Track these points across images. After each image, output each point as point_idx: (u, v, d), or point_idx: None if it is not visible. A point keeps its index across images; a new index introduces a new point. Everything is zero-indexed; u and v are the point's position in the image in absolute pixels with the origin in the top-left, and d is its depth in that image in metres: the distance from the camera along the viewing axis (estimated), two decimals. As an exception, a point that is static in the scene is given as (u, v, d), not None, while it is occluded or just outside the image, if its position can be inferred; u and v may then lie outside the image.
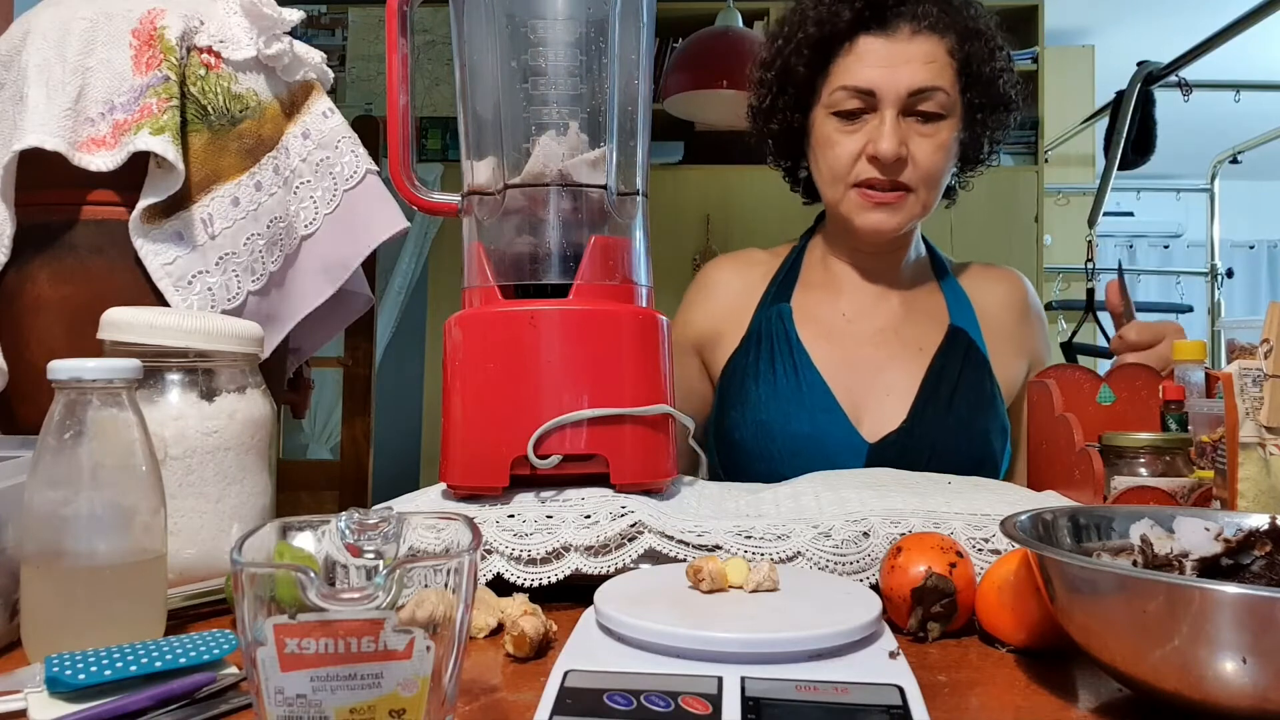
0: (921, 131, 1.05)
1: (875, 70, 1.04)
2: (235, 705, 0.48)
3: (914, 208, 1.07)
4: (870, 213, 1.07)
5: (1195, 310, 4.18)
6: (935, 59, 1.04)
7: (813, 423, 1.07)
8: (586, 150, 0.78)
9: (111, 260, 0.83)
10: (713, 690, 0.43)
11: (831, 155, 1.08)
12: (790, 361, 1.09)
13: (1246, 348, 0.66)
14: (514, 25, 0.77)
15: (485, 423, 0.72)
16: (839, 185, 1.08)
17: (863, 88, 1.04)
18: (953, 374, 1.09)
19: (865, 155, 1.05)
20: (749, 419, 1.09)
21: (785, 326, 1.12)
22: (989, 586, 0.57)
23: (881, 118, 1.03)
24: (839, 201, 1.09)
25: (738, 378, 1.12)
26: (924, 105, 1.04)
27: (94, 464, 0.55)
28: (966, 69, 1.06)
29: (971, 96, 1.08)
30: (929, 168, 1.05)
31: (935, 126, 1.05)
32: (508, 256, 0.78)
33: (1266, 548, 0.50)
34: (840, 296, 1.16)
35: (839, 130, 1.07)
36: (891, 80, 1.03)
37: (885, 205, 1.06)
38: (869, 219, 1.07)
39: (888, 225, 1.07)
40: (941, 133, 1.05)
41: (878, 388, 1.09)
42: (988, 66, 1.07)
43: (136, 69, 0.83)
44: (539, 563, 0.65)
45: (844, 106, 1.06)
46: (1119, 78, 2.95)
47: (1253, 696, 0.42)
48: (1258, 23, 2.36)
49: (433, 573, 0.39)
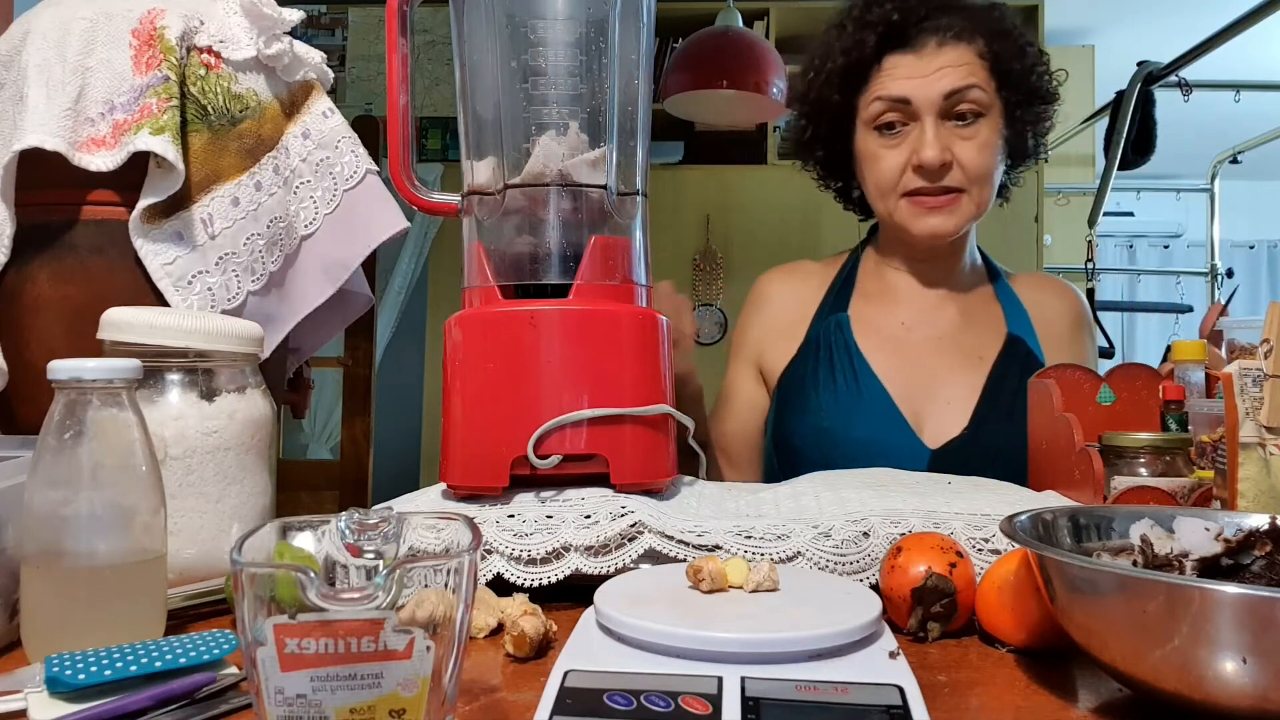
0: (963, 135, 1.06)
1: (908, 81, 1.06)
2: (235, 705, 0.48)
3: (968, 208, 1.08)
4: (925, 218, 1.08)
5: (1195, 310, 4.17)
6: (966, 62, 1.06)
7: (874, 429, 1.08)
8: (586, 150, 0.78)
9: (111, 260, 0.83)
10: (713, 690, 0.43)
11: (877, 170, 1.09)
12: (850, 370, 1.10)
13: (1246, 348, 0.66)
14: (514, 25, 0.77)
15: (485, 423, 0.72)
16: (889, 198, 1.10)
17: (898, 97, 1.06)
18: (1012, 382, 1.09)
19: (910, 166, 1.06)
20: (809, 425, 1.10)
21: (845, 336, 1.13)
22: (989, 586, 0.57)
23: (921, 126, 1.05)
24: (892, 213, 1.10)
25: (797, 385, 1.14)
26: (961, 107, 1.05)
27: (94, 464, 0.55)
28: (998, 67, 1.08)
29: (1008, 94, 1.09)
30: (976, 168, 1.06)
31: (975, 128, 1.06)
32: (508, 256, 0.78)
33: (1266, 548, 0.50)
34: (898, 306, 1.17)
35: (881, 145, 1.09)
36: (925, 88, 1.05)
37: (939, 209, 1.07)
38: (925, 224, 1.08)
39: (944, 229, 1.08)
40: (983, 132, 1.06)
41: (938, 395, 1.10)
42: (1018, 63, 1.09)
43: (136, 69, 0.83)
44: (539, 563, 0.65)
45: (883, 119, 1.07)
46: (1119, 78, 2.95)
47: (1253, 696, 0.41)
48: (1258, 23, 2.36)
49: (433, 573, 0.39)
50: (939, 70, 1.05)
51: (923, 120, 1.05)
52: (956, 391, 1.10)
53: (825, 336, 1.14)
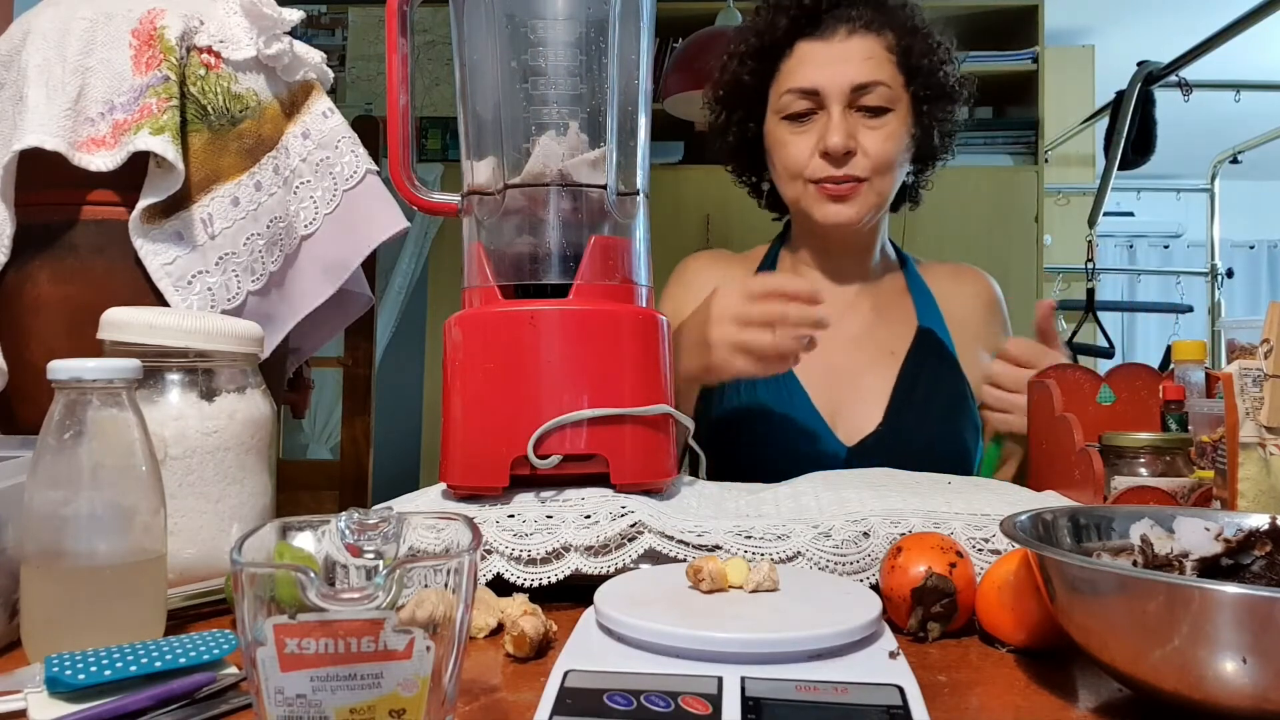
0: (868, 125, 1.08)
1: (817, 70, 1.08)
2: (235, 705, 0.48)
3: (869, 198, 1.10)
4: (828, 205, 1.10)
5: (1195, 310, 4.17)
6: (874, 55, 1.08)
7: (792, 427, 1.09)
8: (586, 150, 0.78)
9: (111, 260, 0.83)
10: (713, 690, 0.43)
11: (786, 155, 1.11)
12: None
13: (1246, 348, 0.66)
14: (514, 25, 0.77)
15: (485, 423, 0.72)
16: (796, 183, 1.12)
17: (807, 88, 1.08)
18: (925, 375, 1.12)
19: (817, 152, 1.08)
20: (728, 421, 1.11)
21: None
22: (989, 586, 0.57)
23: (829, 114, 1.07)
24: (799, 198, 1.12)
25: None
26: (868, 99, 1.07)
27: (94, 464, 0.55)
28: (907, 62, 1.10)
29: (915, 89, 1.11)
30: (879, 157, 1.08)
31: (882, 120, 1.08)
32: (508, 256, 0.78)
33: (1266, 548, 0.50)
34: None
35: (790, 132, 1.11)
36: (833, 78, 1.07)
37: (841, 198, 1.09)
38: (828, 211, 1.10)
39: (846, 216, 1.10)
40: (889, 124, 1.09)
41: (853, 392, 1.12)
42: (927, 59, 1.11)
43: (136, 69, 0.83)
44: (539, 563, 0.65)
45: (793, 109, 1.10)
46: (1119, 78, 2.95)
47: (1253, 696, 0.41)
48: (1258, 23, 2.36)
49: (433, 573, 0.39)
50: (848, 61, 1.07)
51: (830, 109, 1.07)
52: (872, 387, 1.12)
53: None
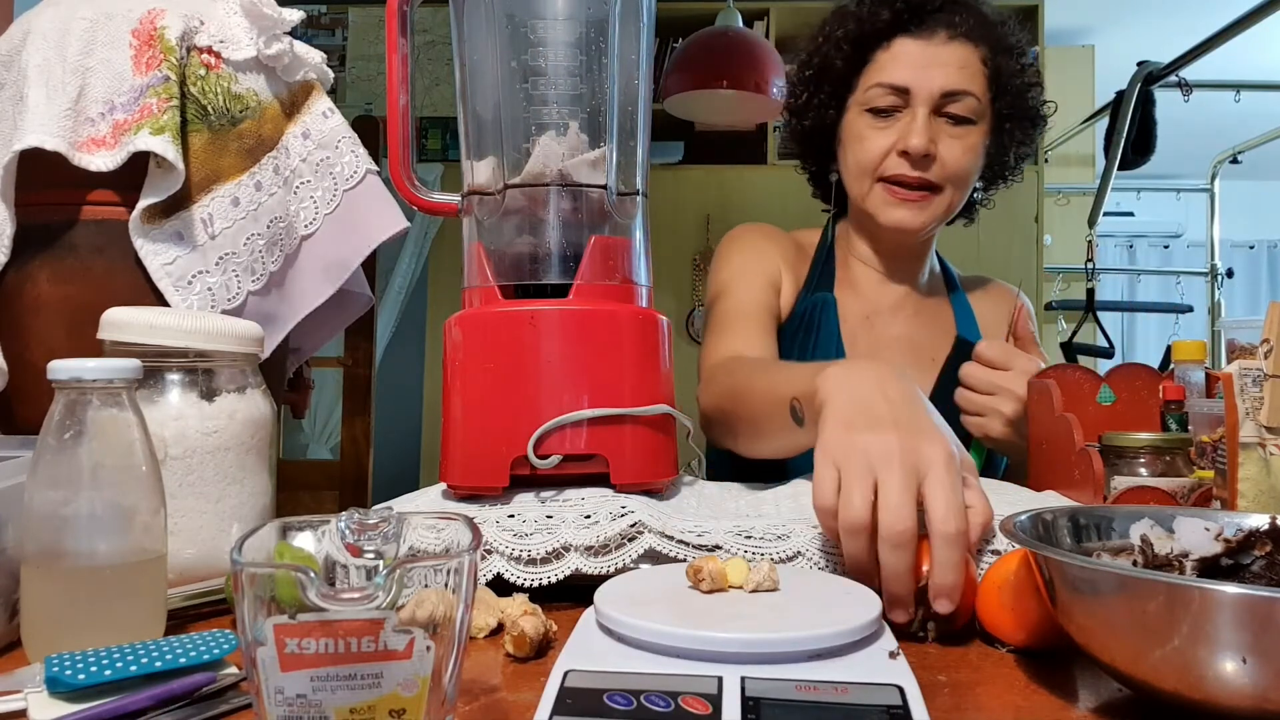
0: (951, 133, 1.07)
1: (910, 70, 1.06)
2: (235, 705, 0.48)
3: (939, 208, 1.09)
4: (895, 209, 1.08)
5: (1195, 310, 4.18)
6: (968, 65, 1.07)
7: None
8: (586, 150, 0.78)
9: (111, 260, 0.83)
10: (713, 690, 0.43)
11: (861, 149, 1.10)
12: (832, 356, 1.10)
13: (1246, 348, 0.66)
14: (514, 25, 0.77)
15: (485, 423, 0.72)
16: (866, 179, 1.10)
17: (898, 85, 1.06)
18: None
19: (895, 151, 1.07)
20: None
21: (831, 318, 1.13)
22: (989, 586, 0.57)
23: (914, 114, 1.06)
24: (865, 196, 1.11)
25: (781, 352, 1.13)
26: (954, 108, 1.06)
27: (94, 464, 0.55)
28: (997, 79, 1.09)
29: (1001, 107, 1.10)
30: (957, 168, 1.07)
31: (965, 130, 1.07)
32: (508, 256, 0.78)
33: (1266, 548, 0.50)
34: (861, 299, 1.17)
35: (871, 126, 1.09)
36: (925, 79, 1.05)
37: (911, 203, 1.08)
38: (894, 215, 1.09)
39: (912, 223, 1.08)
40: (971, 136, 1.08)
41: None
42: (1018, 80, 1.10)
43: (136, 69, 0.83)
44: (539, 563, 0.65)
45: (878, 103, 1.08)
46: (1119, 78, 2.95)
47: (1253, 696, 0.41)
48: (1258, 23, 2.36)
49: (433, 573, 0.39)
50: (943, 65, 1.06)
51: (915, 110, 1.06)
52: None
53: (812, 313, 1.13)
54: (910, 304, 1.18)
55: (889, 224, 1.09)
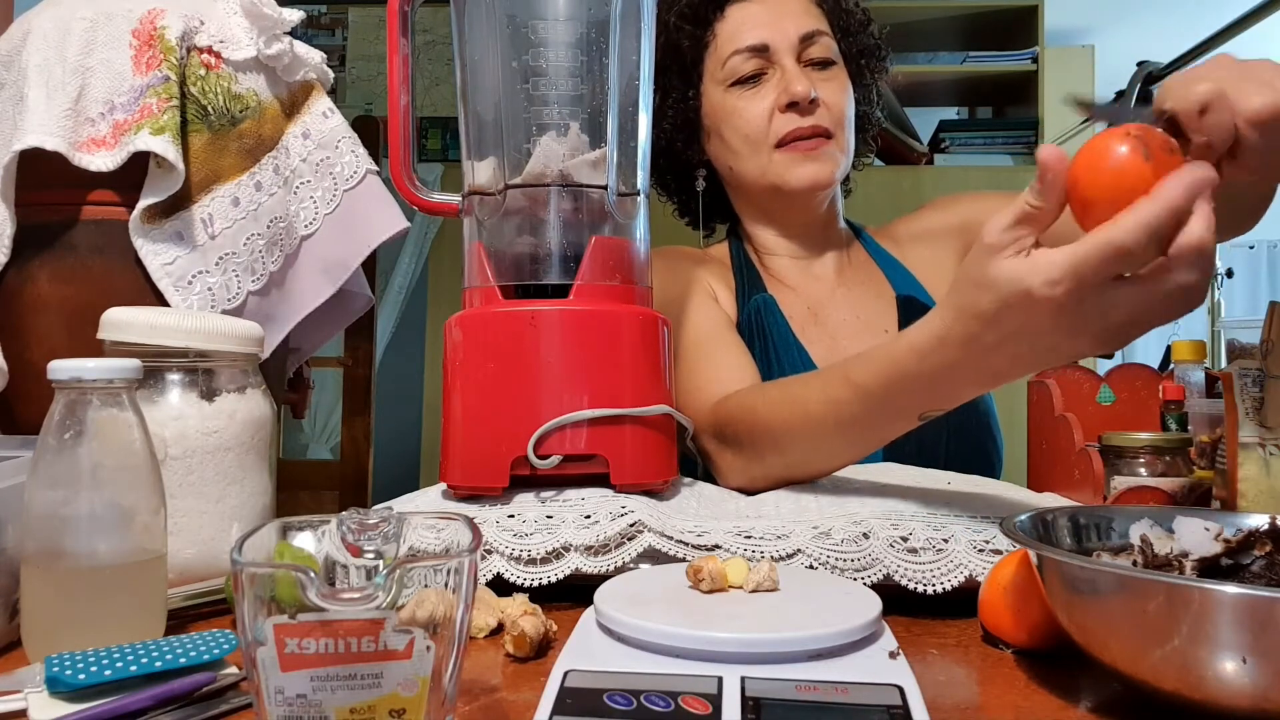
0: (820, 77, 1.05)
1: (762, 27, 1.05)
2: (235, 705, 0.48)
3: (836, 154, 1.05)
4: (801, 166, 1.04)
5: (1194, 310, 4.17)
6: (809, 10, 1.07)
7: None
8: (587, 150, 0.78)
9: (111, 260, 0.83)
10: (713, 690, 0.43)
11: (743, 121, 1.05)
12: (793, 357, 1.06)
13: (1246, 348, 0.66)
14: (515, 26, 0.77)
15: (485, 423, 0.72)
16: (761, 150, 1.05)
17: (756, 44, 1.04)
18: None
19: (778, 109, 1.03)
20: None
21: (776, 318, 1.08)
22: (990, 587, 0.57)
23: (782, 68, 1.04)
24: (765, 169, 1.06)
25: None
26: (815, 51, 1.05)
27: (94, 464, 0.55)
28: (836, 17, 1.09)
29: (847, 46, 1.10)
30: (839, 109, 1.05)
31: (831, 71, 1.06)
32: (508, 257, 0.78)
33: (1266, 548, 0.50)
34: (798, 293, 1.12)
35: (741, 97, 1.06)
36: (780, 31, 1.04)
37: (814, 155, 1.04)
38: (803, 173, 1.04)
39: (823, 175, 1.04)
40: (839, 77, 1.07)
41: None
42: (856, 17, 1.11)
43: (136, 69, 0.83)
44: (539, 563, 0.65)
45: (742, 70, 1.05)
46: (1119, 78, 2.94)
47: (1253, 696, 0.41)
48: (1258, 23, 2.36)
49: (433, 573, 0.39)
50: (790, 14, 1.05)
51: (782, 62, 1.04)
52: None
53: (756, 320, 1.08)
54: (843, 281, 1.12)
55: (801, 185, 1.04)
